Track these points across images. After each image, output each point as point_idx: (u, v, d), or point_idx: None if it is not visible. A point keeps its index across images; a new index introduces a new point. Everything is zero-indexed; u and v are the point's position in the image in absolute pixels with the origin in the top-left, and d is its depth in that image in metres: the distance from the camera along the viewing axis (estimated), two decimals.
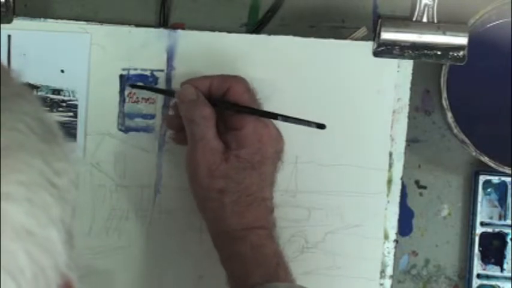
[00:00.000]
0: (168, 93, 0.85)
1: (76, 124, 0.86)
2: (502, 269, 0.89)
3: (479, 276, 0.89)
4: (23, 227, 0.44)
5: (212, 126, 0.79)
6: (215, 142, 0.79)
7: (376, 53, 0.85)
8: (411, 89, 0.87)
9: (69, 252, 0.48)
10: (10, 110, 0.46)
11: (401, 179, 0.87)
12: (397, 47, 0.84)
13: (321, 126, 0.79)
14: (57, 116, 0.86)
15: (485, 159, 0.85)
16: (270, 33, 0.87)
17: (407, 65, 0.87)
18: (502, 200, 0.90)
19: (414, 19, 0.83)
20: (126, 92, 0.87)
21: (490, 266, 0.90)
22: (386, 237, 0.87)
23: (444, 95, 0.85)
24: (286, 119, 0.80)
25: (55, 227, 0.46)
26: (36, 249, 0.45)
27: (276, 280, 0.77)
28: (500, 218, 0.90)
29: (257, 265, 0.78)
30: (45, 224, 0.46)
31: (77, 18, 0.87)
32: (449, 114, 0.85)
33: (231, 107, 0.80)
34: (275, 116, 0.81)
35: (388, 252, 0.87)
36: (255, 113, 0.81)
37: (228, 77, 0.81)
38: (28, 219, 0.45)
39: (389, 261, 0.87)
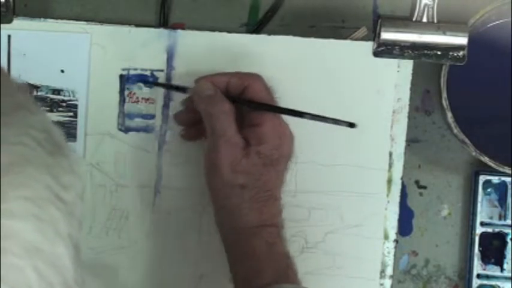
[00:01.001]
0: (180, 89, 0.85)
1: (76, 124, 0.86)
2: (502, 269, 0.89)
3: (479, 276, 0.89)
4: (31, 243, 0.44)
5: (233, 122, 0.79)
6: (236, 137, 0.79)
7: (376, 53, 0.85)
8: (411, 89, 0.87)
9: (77, 267, 0.47)
10: (15, 123, 0.45)
11: (401, 179, 0.87)
12: (397, 47, 0.84)
13: (351, 125, 0.80)
14: (57, 116, 0.86)
15: (485, 159, 0.85)
16: (270, 33, 0.87)
17: (407, 65, 0.87)
18: (502, 200, 0.90)
19: (414, 19, 0.83)
20: (126, 92, 0.87)
21: (490, 266, 0.90)
22: (386, 237, 0.87)
23: (444, 95, 0.85)
24: (314, 117, 0.81)
25: (63, 243, 0.46)
26: (45, 266, 0.44)
27: (285, 280, 0.77)
28: (500, 218, 0.90)
29: (270, 263, 0.77)
30: (53, 240, 0.45)
31: (77, 18, 0.87)
32: (449, 114, 0.85)
33: (254, 105, 0.80)
34: (301, 114, 0.81)
35: (388, 252, 0.87)
36: (281, 111, 0.81)
37: (245, 75, 0.82)
38: (36, 236, 0.44)
39: (389, 261, 0.87)
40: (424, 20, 0.83)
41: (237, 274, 0.79)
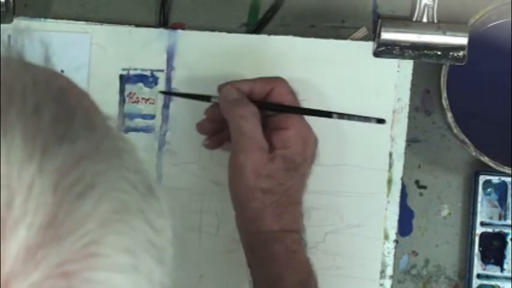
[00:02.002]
0: (202, 98, 0.83)
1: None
2: (502, 269, 0.89)
3: (479, 276, 0.89)
4: None
5: (259, 125, 0.78)
6: (263, 141, 0.78)
7: (376, 53, 0.85)
8: (411, 89, 0.87)
9: None
10: (114, 168, 0.44)
11: (402, 179, 0.87)
12: (397, 47, 0.84)
13: (381, 121, 0.81)
14: None
15: (485, 159, 0.85)
16: (270, 33, 0.87)
17: (407, 65, 0.87)
18: (502, 200, 0.90)
19: (414, 19, 0.83)
20: (126, 92, 0.87)
21: (490, 266, 0.90)
22: (386, 237, 0.87)
23: (444, 95, 0.85)
24: (342, 116, 0.81)
25: None
26: None
27: (306, 287, 0.77)
28: (500, 218, 0.90)
29: (290, 270, 0.77)
30: None
31: (77, 18, 0.87)
32: (449, 114, 0.85)
33: (279, 108, 0.80)
34: (329, 114, 0.81)
35: (388, 252, 0.87)
36: (306, 112, 0.81)
37: (269, 80, 0.81)
38: None
39: (390, 261, 0.87)
40: (424, 20, 0.83)
41: (257, 280, 0.78)
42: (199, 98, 0.84)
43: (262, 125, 0.79)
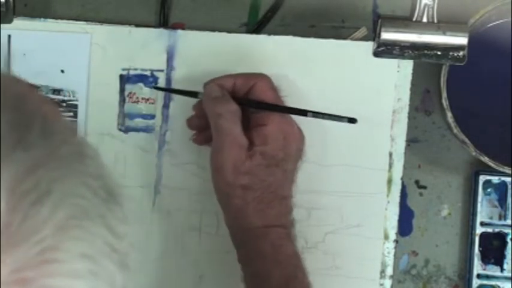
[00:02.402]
0: (190, 94, 0.84)
1: (76, 124, 0.86)
2: (502, 269, 0.89)
3: (479, 276, 0.89)
4: None
5: (239, 122, 0.79)
6: (242, 138, 0.78)
7: (376, 53, 0.85)
8: (411, 89, 0.87)
9: None
10: (74, 174, 0.44)
11: (402, 179, 0.87)
12: (397, 47, 0.84)
13: (352, 120, 0.80)
14: None
15: (485, 159, 0.85)
16: (270, 33, 0.87)
17: (407, 65, 0.87)
18: (502, 200, 0.90)
19: (414, 19, 0.83)
20: (126, 92, 0.87)
21: (490, 266, 0.90)
22: (386, 237, 0.87)
23: (444, 95, 0.85)
24: (316, 114, 0.81)
25: None
26: None
27: (294, 283, 0.77)
28: (500, 218, 0.90)
29: (277, 264, 0.77)
30: None
31: (77, 18, 0.87)
32: (449, 114, 0.85)
33: (257, 105, 0.80)
34: (304, 112, 0.81)
35: (388, 252, 0.87)
36: (283, 110, 0.81)
37: (251, 75, 0.82)
38: None
39: (390, 261, 0.87)
40: (424, 20, 0.83)
41: (246, 275, 0.79)
42: (187, 94, 0.85)
43: (246, 122, 0.80)
